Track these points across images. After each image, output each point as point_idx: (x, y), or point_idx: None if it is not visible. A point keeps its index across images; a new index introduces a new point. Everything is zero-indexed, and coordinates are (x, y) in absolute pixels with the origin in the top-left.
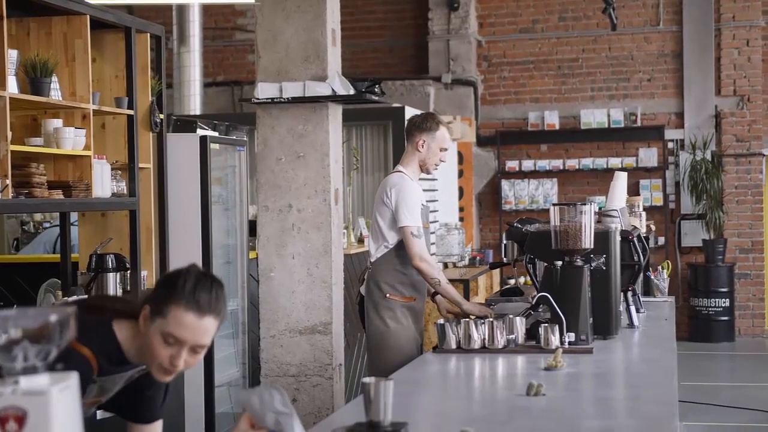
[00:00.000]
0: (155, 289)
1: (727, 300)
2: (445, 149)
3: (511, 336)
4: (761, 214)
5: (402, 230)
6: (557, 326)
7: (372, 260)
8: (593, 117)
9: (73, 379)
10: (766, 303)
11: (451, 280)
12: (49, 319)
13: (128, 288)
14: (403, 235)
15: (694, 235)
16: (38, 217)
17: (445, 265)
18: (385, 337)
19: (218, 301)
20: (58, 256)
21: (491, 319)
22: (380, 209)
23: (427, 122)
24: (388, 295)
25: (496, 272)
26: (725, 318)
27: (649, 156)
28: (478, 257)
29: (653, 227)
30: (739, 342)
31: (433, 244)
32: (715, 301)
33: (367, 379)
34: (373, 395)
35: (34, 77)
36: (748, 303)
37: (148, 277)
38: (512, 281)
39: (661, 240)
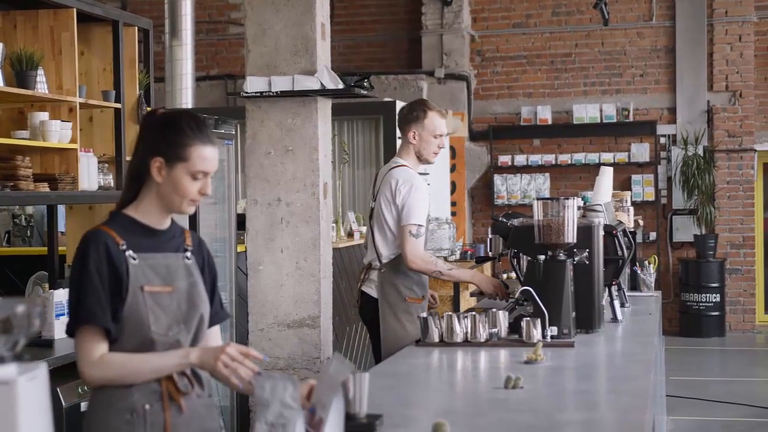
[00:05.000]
0: (155, 140)
1: (718, 295)
2: (440, 135)
3: (493, 330)
4: (752, 210)
5: (402, 228)
6: (539, 320)
7: (383, 261)
8: (586, 112)
9: (41, 369)
10: (756, 298)
11: None
12: (16, 309)
13: None
14: (400, 232)
15: (685, 230)
16: (30, 209)
17: None
18: (405, 340)
19: (213, 131)
20: (46, 249)
21: (474, 313)
22: (388, 207)
23: (413, 112)
24: (407, 298)
25: (488, 266)
26: (716, 313)
27: (641, 151)
28: (469, 252)
29: (641, 222)
30: (730, 337)
31: None
32: (706, 297)
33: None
34: (349, 387)
35: (19, 70)
36: (738, 298)
37: None
38: (505, 275)
39: (653, 235)
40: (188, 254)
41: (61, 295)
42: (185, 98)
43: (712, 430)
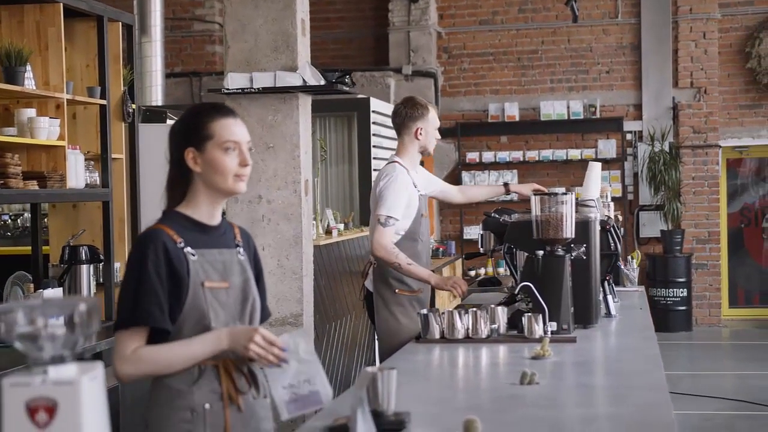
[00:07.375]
0: (180, 136)
1: (685, 290)
2: (437, 127)
3: (493, 326)
4: (718, 205)
5: (373, 216)
6: (540, 315)
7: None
8: (553, 109)
9: (99, 369)
10: (722, 293)
11: None
12: (79, 308)
13: (101, 280)
14: (371, 221)
15: (652, 225)
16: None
17: None
18: (399, 332)
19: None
20: (29, 248)
21: (475, 310)
22: (374, 202)
23: (417, 110)
24: (397, 290)
25: (459, 263)
26: (683, 308)
27: (608, 147)
28: (440, 249)
29: (621, 217)
30: (697, 331)
31: None
32: (673, 291)
33: (370, 369)
34: (378, 384)
35: (8, 66)
36: (704, 293)
37: (122, 268)
38: (472, 272)
39: (621, 231)
40: (241, 250)
41: (50, 295)
42: (155, 95)
43: (693, 423)
